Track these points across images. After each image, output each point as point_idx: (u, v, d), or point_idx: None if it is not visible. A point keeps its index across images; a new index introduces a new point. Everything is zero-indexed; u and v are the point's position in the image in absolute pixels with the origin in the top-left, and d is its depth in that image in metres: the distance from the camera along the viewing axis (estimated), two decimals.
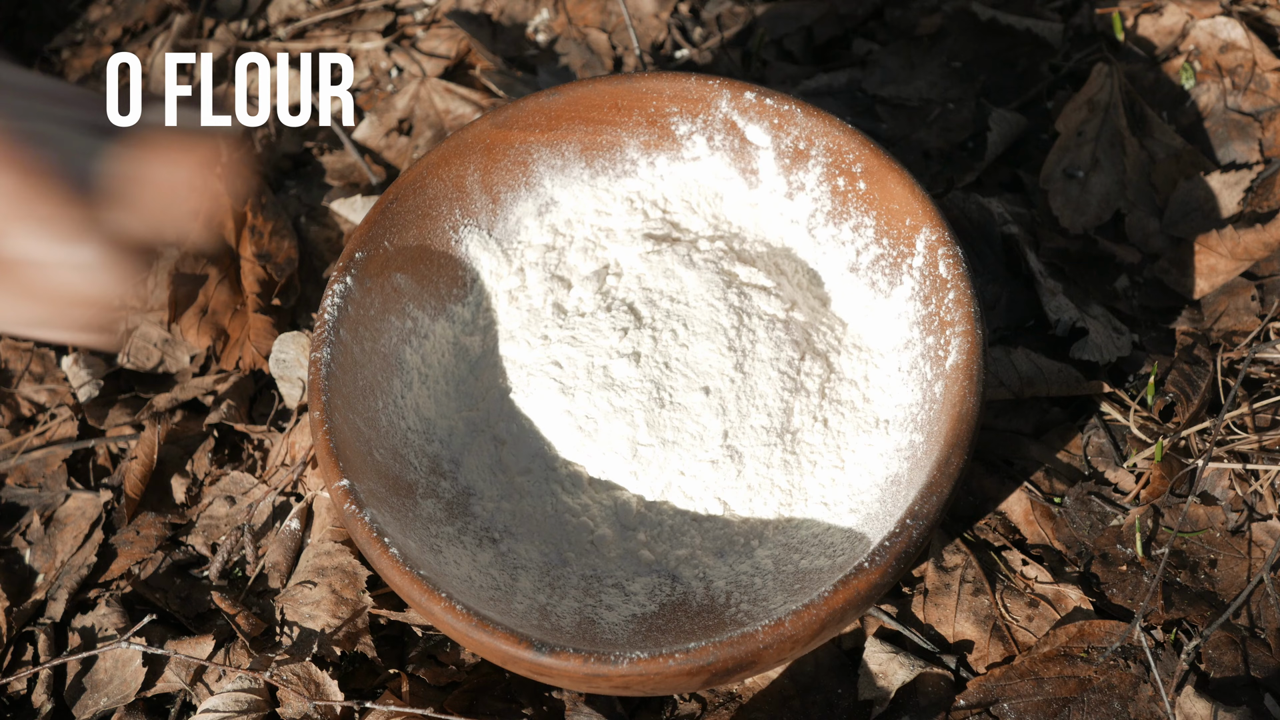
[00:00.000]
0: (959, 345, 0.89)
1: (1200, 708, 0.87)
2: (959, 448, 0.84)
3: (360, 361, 0.94)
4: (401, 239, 0.99)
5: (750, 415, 0.94)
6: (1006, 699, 0.89)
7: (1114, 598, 0.94)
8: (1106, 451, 1.00)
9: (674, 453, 0.93)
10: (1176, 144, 1.16)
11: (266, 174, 1.25)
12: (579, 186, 1.05)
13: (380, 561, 0.83)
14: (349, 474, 0.86)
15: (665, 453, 0.93)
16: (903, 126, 1.21)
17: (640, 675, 0.79)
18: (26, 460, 1.10)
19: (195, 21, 1.36)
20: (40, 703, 0.96)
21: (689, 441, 0.94)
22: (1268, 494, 0.96)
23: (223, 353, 1.14)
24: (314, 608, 0.96)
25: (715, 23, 1.30)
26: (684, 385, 0.95)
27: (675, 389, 0.95)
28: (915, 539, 0.81)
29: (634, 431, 0.94)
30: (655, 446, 0.93)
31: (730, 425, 0.94)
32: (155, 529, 1.04)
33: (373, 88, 1.31)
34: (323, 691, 0.91)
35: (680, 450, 0.93)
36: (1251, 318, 1.05)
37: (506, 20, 1.33)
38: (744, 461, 0.93)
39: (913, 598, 0.95)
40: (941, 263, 0.92)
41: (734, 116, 1.02)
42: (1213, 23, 1.20)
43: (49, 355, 1.17)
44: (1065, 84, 1.22)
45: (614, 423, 0.94)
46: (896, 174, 0.96)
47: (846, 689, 0.92)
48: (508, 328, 1.01)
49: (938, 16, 1.27)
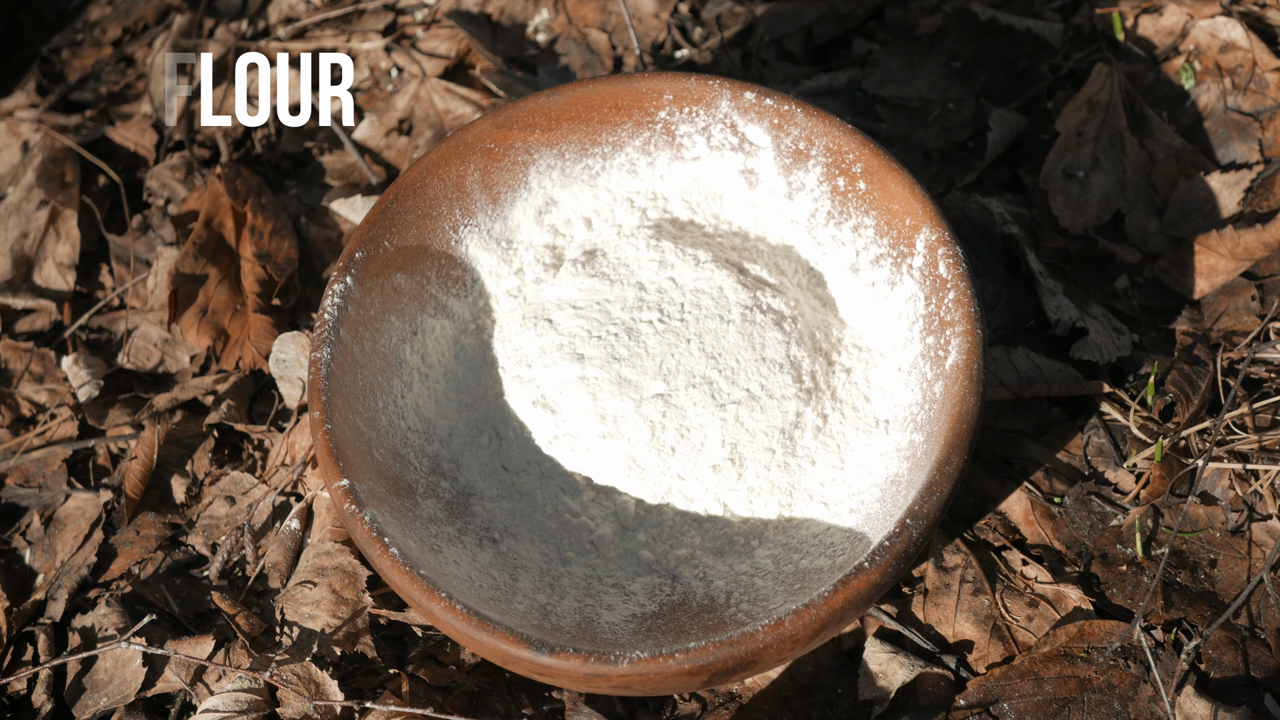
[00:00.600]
0: (959, 345, 0.89)
1: (1200, 708, 0.87)
2: (959, 448, 0.84)
3: (360, 361, 0.94)
4: (401, 239, 0.99)
5: (754, 416, 0.94)
6: (1006, 699, 0.89)
7: (1114, 598, 0.94)
8: (1106, 451, 1.00)
9: (674, 459, 0.93)
10: (1176, 144, 1.16)
11: (266, 174, 1.25)
12: (579, 186, 1.05)
13: (380, 561, 0.83)
14: (349, 474, 0.86)
15: (664, 459, 0.93)
16: (903, 126, 1.21)
17: (640, 675, 0.79)
18: (26, 460, 1.10)
19: (195, 21, 1.36)
20: (40, 703, 0.96)
21: (689, 448, 0.93)
22: (1268, 494, 0.96)
23: (223, 353, 1.14)
24: (314, 608, 0.96)
25: (715, 23, 1.30)
26: (685, 384, 0.95)
27: (678, 389, 0.95)
28: (915, 539, 0.81)
29: (634, 435, 0.94)
30: (655, 452, 0.93)
31: (730, 429, 0.94)
32: (155, 529, 1.04)
33: (373, 88, 1.31)
34: (323, 691, 0.91)
35: (680, 456, 0.93)
36: (1251, 318, 1.05)
37: (506, 20, 1.33)
38: (745, 464, 0.93)
39: (913, 598, 0.95)
40: (941, 263, 0.92)
41: (734, 116, 1.02)
42: (1213, 23, 1.20)
43: (49, 355, 1.17)
44: (1065, 84, 1.22)
45: (615, 424, 0.94)
46: (896, 174, 0.96)
47: (846, 689, 0.92)
48: (508, 327, 1.01)
49: (938, 16, 1.27)
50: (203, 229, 1.19)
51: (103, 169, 1.27)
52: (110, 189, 1.27)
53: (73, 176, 1.26)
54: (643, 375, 0.96)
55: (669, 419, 0.94)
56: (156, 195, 1.25)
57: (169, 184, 1.25)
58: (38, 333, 1.20)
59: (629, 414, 0.94)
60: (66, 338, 1.19)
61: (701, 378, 0.95)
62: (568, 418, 0.95)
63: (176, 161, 1.26)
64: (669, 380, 0.95)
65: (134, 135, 1.29)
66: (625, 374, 0.96)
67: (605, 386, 0.95)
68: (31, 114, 1.32)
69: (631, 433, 0.94)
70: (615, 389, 0.95)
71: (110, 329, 1.19)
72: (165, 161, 1.27)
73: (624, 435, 0.94)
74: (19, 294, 1.20)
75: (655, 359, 0.96)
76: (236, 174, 1.21)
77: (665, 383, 0.95)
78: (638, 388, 0.95)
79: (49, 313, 1.21)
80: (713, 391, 0.95)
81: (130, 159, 1.30)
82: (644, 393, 0.95)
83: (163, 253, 1.20)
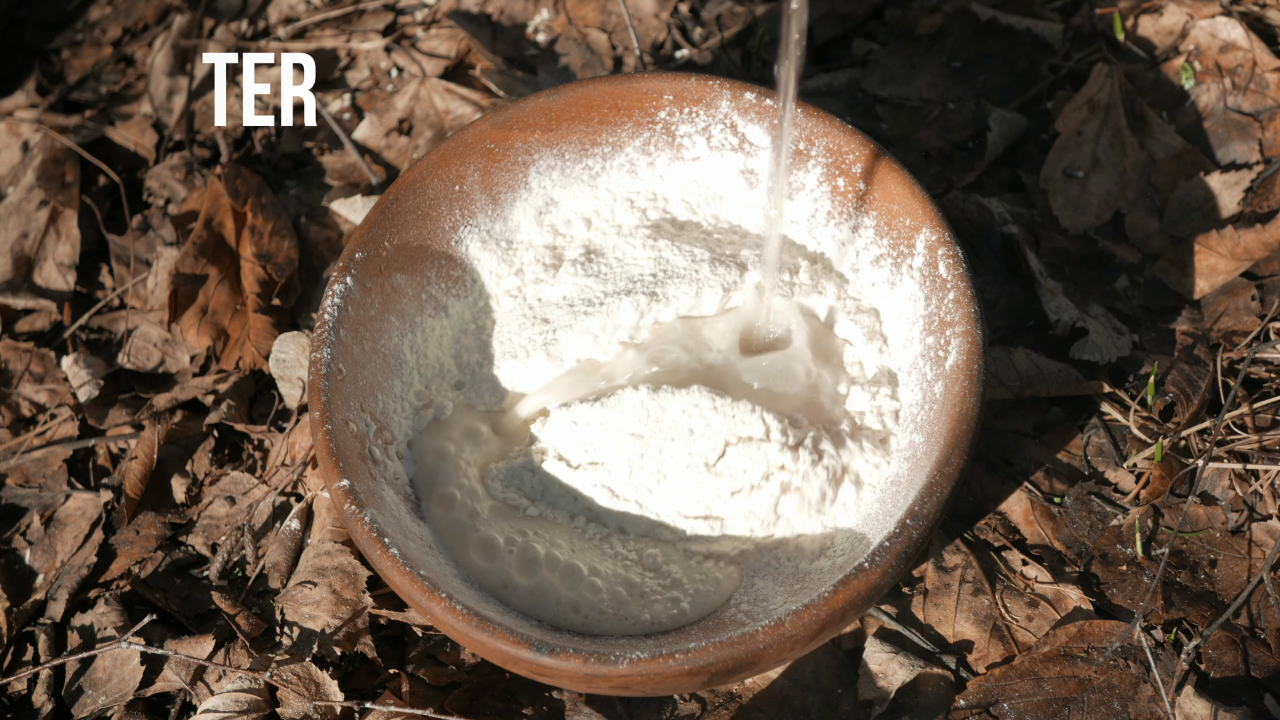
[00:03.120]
0: (959, 345, 0.89)
1: (1200, 708, 0.87)
2: (959, 448, 0.84)
3: (360, 362, 0.94)
4: (401, 239, 0.99)
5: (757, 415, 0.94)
6: (1006, 699, 0.89)
7: (1114, 598, 0.94)
8: (1106, 451, 1.00)
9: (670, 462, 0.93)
10: (1176, 144, 1.16)
11: (266, 174, 1.25)
12: (579, 187, 1.05)
13: (380, 562, 0.83)
14: (349, 475, 0.87)
15: (661, 460, 0.93)
16: (903, 126, 1.21)
17: (640, 676, 0.79)
18: (26, 460, 1.10)
19: (195, 21, 1.36)
20: (40, 703, 0.97)
21: (683, 454, 0.93)
22: (1268, 494, 0.96)
23: (223, 353, 1.14)
24: (314, 608, 0.96)
25: (715, 23, 1.30)
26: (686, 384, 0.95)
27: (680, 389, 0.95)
28: (915, 539, 0.82)
29: (635, 435, 0.94)
30: (654, 455, 0.93)
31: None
32: (155, 529, 1.04)
33: (373, 88, 1.31)
34: (323, 691, 0.91)
35: (677, 462, 0.93)
36: (1251, 318, 1.05)
37: (506, 20, 1.33)
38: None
39: (913, 598, 0.95)
40: (941, 263, 0.92)
41: (734, 117, 1.02)
42: (1213, 23, 1.20)
43: (49, 355, 1.17)
44: (1065, 84, 1.22)
45: (615, 425, 0.94)
46: (896, 174, 0.96)
47: (846, 689, 0.92)
48: (508, 327, 1.01)
49: (938, 16, 1.27)
50: (203, 229, 1.19)
51: (103, 169, 1.27)
52: (110, 189, 1.27)
53: (73, 176, 1.26)
54: (648, 376, 0.96)
55: (671, 422, 0.94)
56: (156, 195, 1.25)
57: (169, 184, 1.25)
58: (38, 333, 1.20)
59: (630, 416, 0.94)
60: (66, 338, 1.19)
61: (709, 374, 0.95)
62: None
63: (176, 161, 1.26)
64: (675, 381, 0.95)
65: (134, 135, 1.29)
66: (629, 374, 0.96)
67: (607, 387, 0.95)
68: (31, 114, 1.32)
69: (632, 434, 0.94)
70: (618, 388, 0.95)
71: (110, 329, 1.19)
72: (165, 161, 1.27)
73: (624, 437, 0.94)
74: (19, 294, 1.20)
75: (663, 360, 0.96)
76: (236, 174, 1.21)
77: (671, 382, 0.95)
78: (641, 389, 0.95)
79: (49, 313, 1.21)
80: (720, 391, 0.95)
81: (130, 159, 1.30)
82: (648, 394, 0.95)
83: (163, 253, 1.20)
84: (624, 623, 0.87)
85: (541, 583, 0.88)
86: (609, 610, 0.87)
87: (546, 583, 0.88)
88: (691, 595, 0.88)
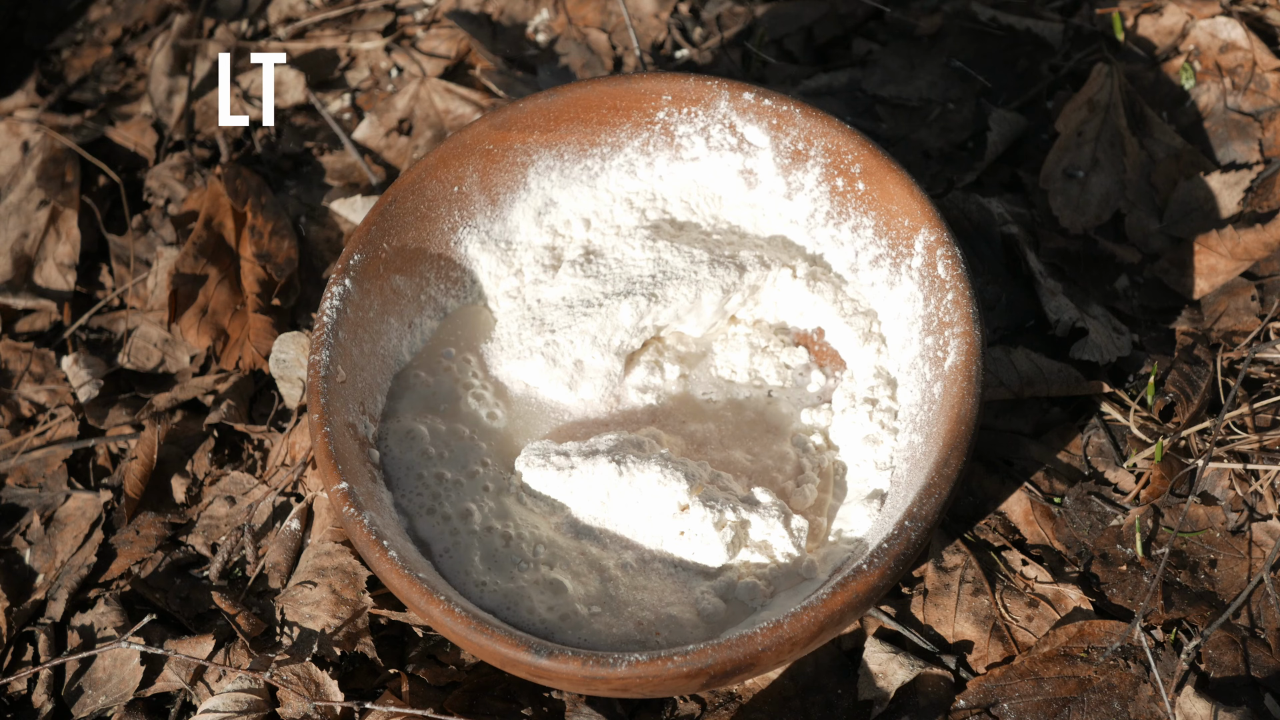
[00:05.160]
0: (958, 346, 0.89)
1: (1200, 708, 0.87)
2: (958, 449, 0.84)
3: (359, 364, 0.94)
4: (400, 241, 0.99)
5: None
6: (1006, 699, 0.89)
7: (1114, 598, 0.94)
8: (1106, 451, 1.00)
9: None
10: (1176, 144, 1.16)
11: (266, 174, 1.25)
12: (578, 187, 1.05)
13: (379, 565, 0.83)
14: (348, 477, 0.87)
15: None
16: (903, 126, 1.21)
17: (639, 678, 0.79)
18: (26, 460, 1.10)
19: (195, 21, 1.36)
20: (40, 703, 0.97)
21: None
22: (1268, 494, 0.96)
23: (223, 353, 1.14)
24: (314, 608, 0.96)
25: (715, 23, 1.30)
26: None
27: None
28: (914, 541, 0.81)
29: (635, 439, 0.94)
30: None
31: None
32: (155, 529, 1.04)
33: (373, 88, 1.31)
34: (323, 691, 0.92)
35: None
36: (1251, 318, 1.05)
37: (506, 20, 1.33)
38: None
39: (912, 598, 0.95)
40: (940, 263, 0.92)
41: (733, 117, 1.02)
42: (1213, 23, 1.20)
43: (49, 355, 1.17)
44: (1065, 84, 1.22)
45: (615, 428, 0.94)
46: (895, 174, 0.96)
47: (846, 689, 0.92)
48: (507, 328, 1.01)
49: (938, 16, 1.27)
50: (203, 229, 1.19)
51: (103, 169, 1.27)
52: (110, 189, 1.27)
53: (73, 176, 1.26)
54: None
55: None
56: (156, 195, 1.25)
57: (169, 184, 1.25)
58: (38, 333, 1.20)
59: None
60: (66, 338, 1.19)
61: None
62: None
63: (176, 161, 1.26)
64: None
65: (134, 135, 1.29)
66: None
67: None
68: (31, 114, 1.32)
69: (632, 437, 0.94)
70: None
71: (110, 329, 1.19)
72: (165, 161, 1.27)
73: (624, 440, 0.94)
74: (19, 294, 1.20)
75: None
76: (236, 174, 1.21)
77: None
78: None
79: (49, 313, 1.21)
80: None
81: (130, 159, 1.30)
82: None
83: (163, 253, 1.20)
84: (604, 635, 0.87)
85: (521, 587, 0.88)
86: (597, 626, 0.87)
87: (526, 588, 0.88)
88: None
